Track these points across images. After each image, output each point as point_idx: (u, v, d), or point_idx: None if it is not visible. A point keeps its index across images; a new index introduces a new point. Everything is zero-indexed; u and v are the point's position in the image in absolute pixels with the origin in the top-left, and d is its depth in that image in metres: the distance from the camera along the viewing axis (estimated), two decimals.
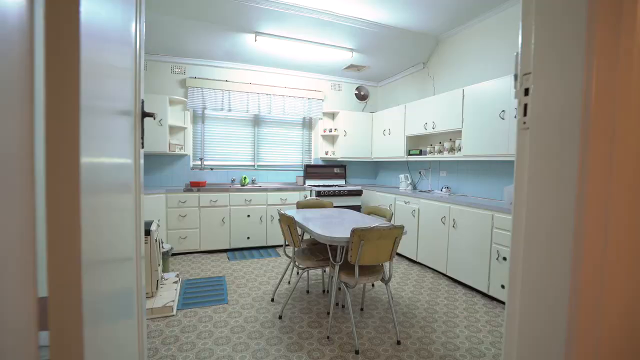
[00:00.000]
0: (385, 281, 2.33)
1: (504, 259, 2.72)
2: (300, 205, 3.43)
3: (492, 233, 2.85)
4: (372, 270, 2.33)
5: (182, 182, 4.61)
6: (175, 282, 3.02)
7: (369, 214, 3.12)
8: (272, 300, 2.84)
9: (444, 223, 3.42)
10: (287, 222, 2.50)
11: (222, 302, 2.78)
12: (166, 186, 4.45)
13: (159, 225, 3.92)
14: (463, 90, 3.43)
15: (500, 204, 3.02)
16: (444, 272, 3.43)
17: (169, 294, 2.76)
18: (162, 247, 3.21)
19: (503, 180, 3.33)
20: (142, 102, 1.11)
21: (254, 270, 3.65)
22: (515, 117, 2.82)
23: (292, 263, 2.66)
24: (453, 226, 3.29)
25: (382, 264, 2.42)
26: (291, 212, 3.08)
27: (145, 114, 1.11)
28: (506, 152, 2.95)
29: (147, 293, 2.64)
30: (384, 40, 3.88)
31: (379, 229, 2.07)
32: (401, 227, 2.16)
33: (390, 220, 2.80)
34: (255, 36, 3.62)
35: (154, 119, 1.11)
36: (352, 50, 4.07)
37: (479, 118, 3.24)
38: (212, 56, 4.42)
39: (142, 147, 1.12)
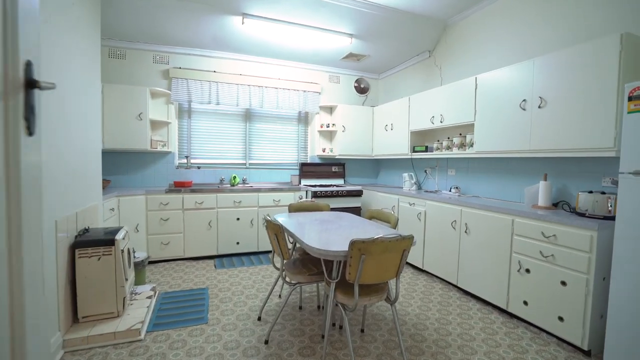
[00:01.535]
0: (391, 302, 1.95)
1: (527, 271, 2.34)
2: (293, 209, 3.05)
3: (512, 241, 2.47)
4: (374, 288, 1.95)
5: (166, 182, 4.23)
6: (150, 297, 2.64)
7: (370, 218, 2.74)
8: (259, 319, 2.46)
9: (454, 228, 3.04)
10: (275, 231, 2.13)
11: (200, 322, 2.40)
12: (148, 186, 4.06)
13: (136, 231, 3.54)
14: (476, 78, 3.05)
15: (521, 207, 2.64)
16: (454, 282, 3.05)
17: (138, 312, 2.38)
18: (135, 256, 2.83)
19: (523, 180, 2.95)
20: (28, 65, 0.72)
21: (241, 280, 3.27)
22: (539, 106, 2.45)
23: (280, 277, 2.28)
24: (465, 232, 2.91)
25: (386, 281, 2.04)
26: (283, 216, 2.71)
27: (31, 83, 0.72)
28: (527, 148, 2.57)
29: (111, 313, 2.27)
30: (385, 25, 3.49)
31: (384, 240, 1.69)
32: (410, 238, 1.78)
33: (395, 227, 2.42)
34: (243, 18, 3.23)
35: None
36: (350, 35, 3.68)
37: (495, 110, 2.86)
38: (198, 44, 4.03)
39: (31, 134, 0.74)
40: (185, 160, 4.32)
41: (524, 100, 2.58)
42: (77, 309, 2.18)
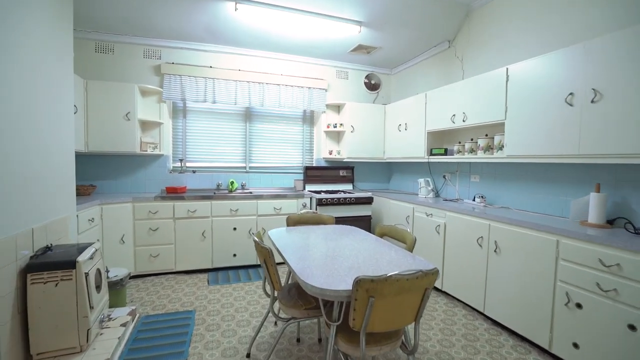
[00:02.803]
0: (409, 351, 1.53)
1: (578, 306, 1.88)
2: (292, 222, 2.65)
3: (557, 266, 2.01)
4: (386, 334, 1.53)
5: (158, 188, 3.89)
6: (124, 325, 2.28)
7: (381, 235, 2.32)
8: (248, 355, 2.07)
9: (480, 245, 2.59)
10: (263, 255, 1.73)
11: (179, 358, 2.03)
12: (139, 192, 3.74)
13: (122, 242, 3.19)
14: (507, 69, 2.59)
15: (565, 223, 2.17)
16: (480, 309, 2.60)
17: (107, 345, 2.02)
18: (108, 276, 2.47)
19: (566, 191, 2.47)
20: None
21: (235, 300, 2.89)
22: (592, 101, 1.97)
23: (270, 311, 1.87)
24: (495, 251, 2.45)
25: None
26: (279, 231, 2.31)
27: None
28: (575, 152, 2.10)
29: (72, 348, 1.91)
30: (398, 11, 3.05)
31: (400, 278, 1.27)
32: (434, 273, 1.36)
33: (411, 249, 1.99)
34: (235, 4, 2.84)
35: None
36: (359, 23, 3.26)
37: (532, 106, 2.39)
38: (192, 36, 3.67)
39: None
40: (179, 164, 3.98)
41: (571, 93, 2.11)
42: (30, 344, 1.84)
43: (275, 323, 2.49)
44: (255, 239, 1.79)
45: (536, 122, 2.36)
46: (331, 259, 1.73)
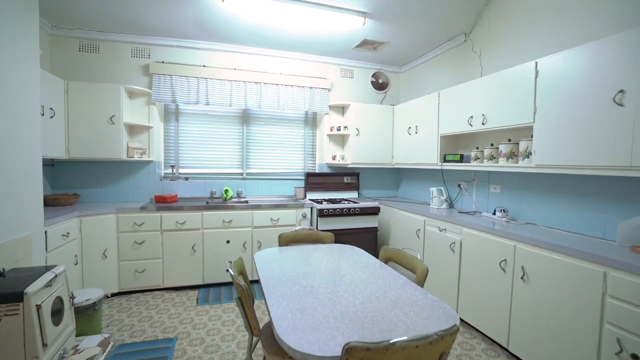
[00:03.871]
0: None
1: (634, 357, 1.49)
2: (284, 240, 2.33)
3: (604, 304, 1.63)
4: None
5: (148, 197, 3.62)
6: (91, 359, 1.99)
7: (387, 261, 1.97)
8: None
9: (504, 270, 2.21)
10: (240, 294, 1.41)
11: None
12: (126, 201, 3.48)
13: (104, 257, 2.91)
14: (536, 63, 2.21)
15: (612, 250, 1.78)
16: (503, 344, 2.22)
17: None
18: (74, 302, 2.19)
19: (608, 207, 2.07)
20: None
21: (223, 324, 2.58)
22: None
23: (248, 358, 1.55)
24: (521, 277, 2.08)
25: None
26: (268, 253, 1.99)
27: None
28: (627, 163, 1.71)
29: None
30: (407, 1, 2.69)
31: (407, 346, 0.93)
32: (453, 334, 1.01)
33: (422, 282, 1.64)
34: None
35: None
36: (364, 14, 2.91)
37: (567, 106, 2.01)
38: (182, 33, 3.39)
39: None
40: (171, 170, 3.71)
41: (621, 91, 1.73)
42: None
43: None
44: (231, 271, 1.47)
45: (573, 126, 1.97)
46: (322, 297, 1.39)
